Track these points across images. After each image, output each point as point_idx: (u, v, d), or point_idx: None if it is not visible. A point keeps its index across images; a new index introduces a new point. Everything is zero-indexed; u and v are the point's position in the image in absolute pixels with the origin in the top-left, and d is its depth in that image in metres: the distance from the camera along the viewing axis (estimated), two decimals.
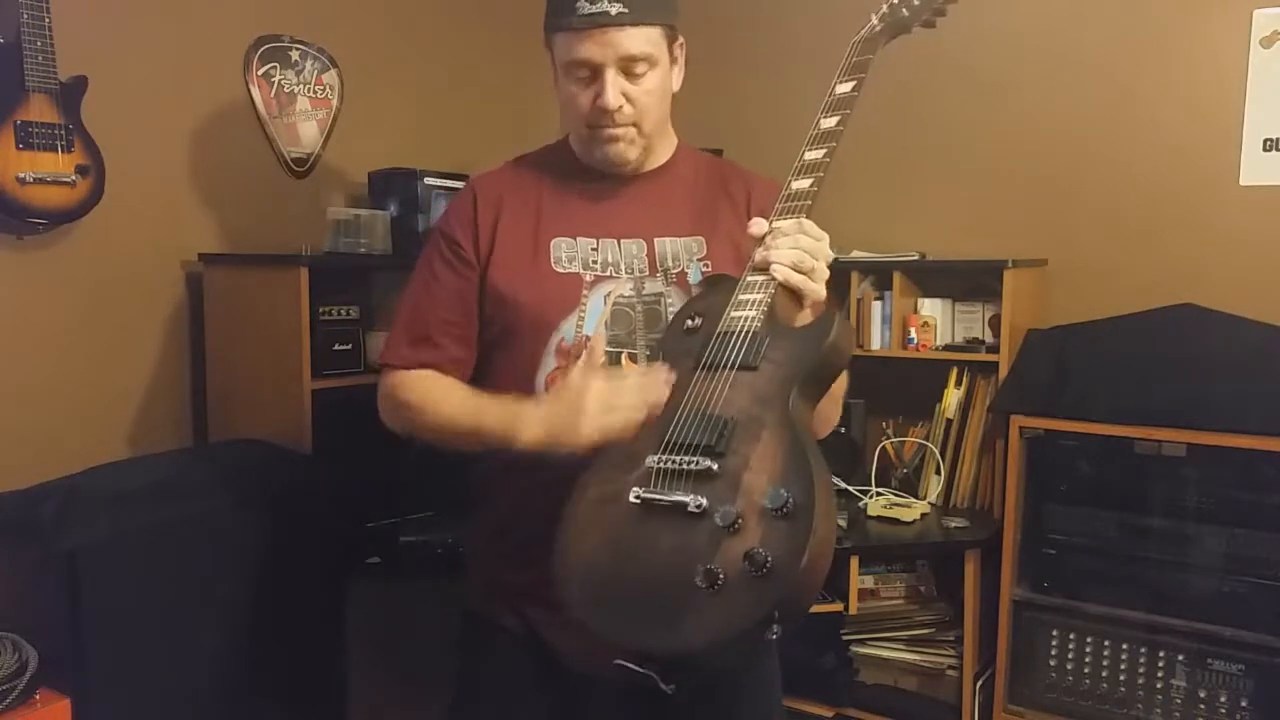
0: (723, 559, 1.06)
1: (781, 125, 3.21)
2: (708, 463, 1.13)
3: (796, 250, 1.26)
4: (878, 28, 1.48)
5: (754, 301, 1.25)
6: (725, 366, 1.22)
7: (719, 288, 1.33)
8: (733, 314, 1.26)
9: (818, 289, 1.27)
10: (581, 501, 1.20)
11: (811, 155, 1.36)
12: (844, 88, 1.41)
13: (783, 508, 1.06)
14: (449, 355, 1.46)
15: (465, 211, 1.47)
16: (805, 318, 1.30)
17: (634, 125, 1.42)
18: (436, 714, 1.69)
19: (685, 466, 1.14)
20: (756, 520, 1.07)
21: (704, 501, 1.11)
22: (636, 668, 1.08)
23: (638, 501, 1.15)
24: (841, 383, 1.43)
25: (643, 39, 1.38)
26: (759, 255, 1.28)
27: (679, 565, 1.08)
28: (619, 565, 1.13)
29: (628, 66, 1.38)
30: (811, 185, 1.33)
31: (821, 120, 1.39)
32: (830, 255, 1.30)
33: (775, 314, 1.25)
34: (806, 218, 1.30)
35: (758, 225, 1.31)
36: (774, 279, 1.25)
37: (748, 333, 1.23)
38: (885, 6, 1.49)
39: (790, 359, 1.21)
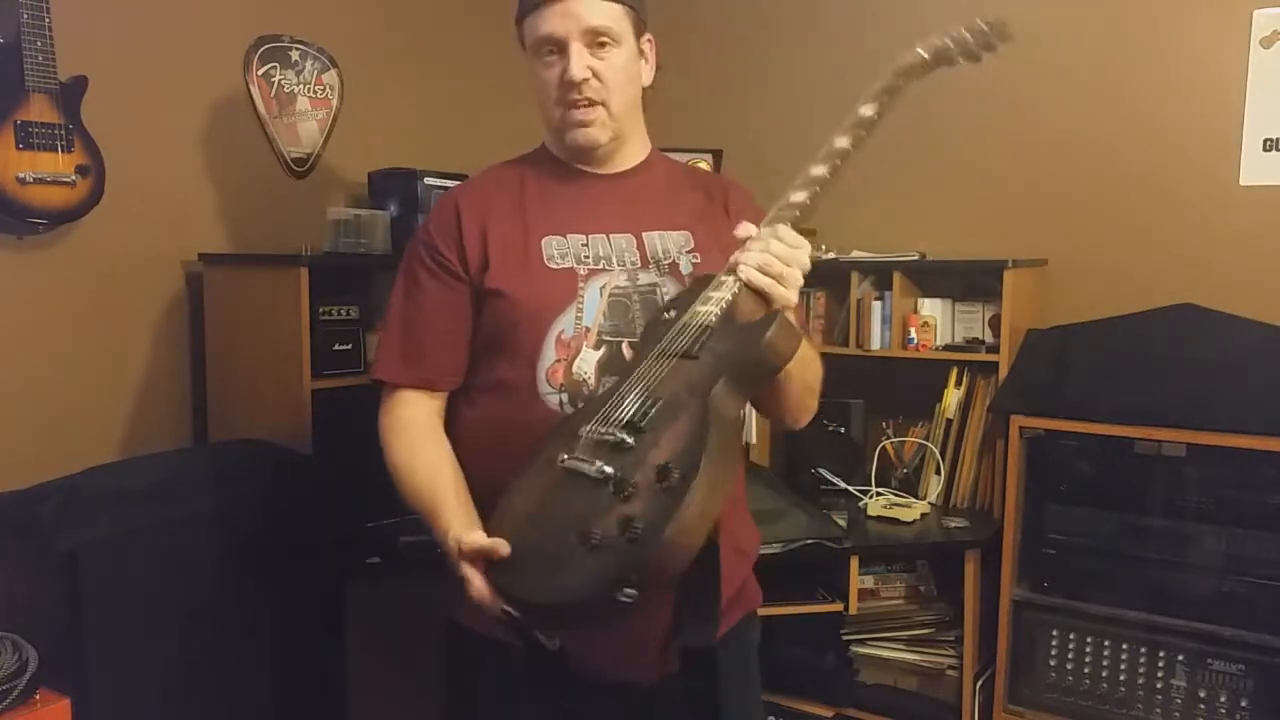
0: (605, 522, 1.13)
1: (781, 125, 3.24)
2: (625, 436, 1.19)
3: (766, 254, 1.28)
4: (925, 58, 1.47)
5: (716, 299, 1.29)
6: (672, 354, 1.27)
7: (699, 285, 1.37)
8: (697, 308, 1.30)
9: (785, 294, 1.28)
10: (532, 466, 1.27)
11: (816, 171, 1.38)
12: (866, 110, 1.42)
13: (665, 482, 1.12)
14: (442, 368, 1.48)
15: (448, 224, 1.47)
16: None
17: (603, 105, 1.44)
18: (436, 714, 1.69)
19: (606, 438, 1.20)
20: (645, 492, 1.13)
21: (608, 470, 1.17)
22: (515, 613, 1.16)
23: (560, 465, 1.22)
24: (815, 371, 1.46)
25: (605, 13, 1.41)
26: (733, 257, 1.31)
27: (574, 527, 1.14)
28: (535, 524, 1.21)
29: (591, 40, 1.41)
30: (805, 198, 1.35)
31: (835, 139, 1.41)
32: (806, 264, 1.31)
33: (736, 312, 1.28)
34: (788, 226, 1.32)
35: (744, 229, 1.33)
36: (739, 279, 1.28)
37: (702, 326, 1.27)
38: (937, 42, 1.47)
39: (727, 351, 1.25)
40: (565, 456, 1.22)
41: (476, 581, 1.23)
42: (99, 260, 2.28)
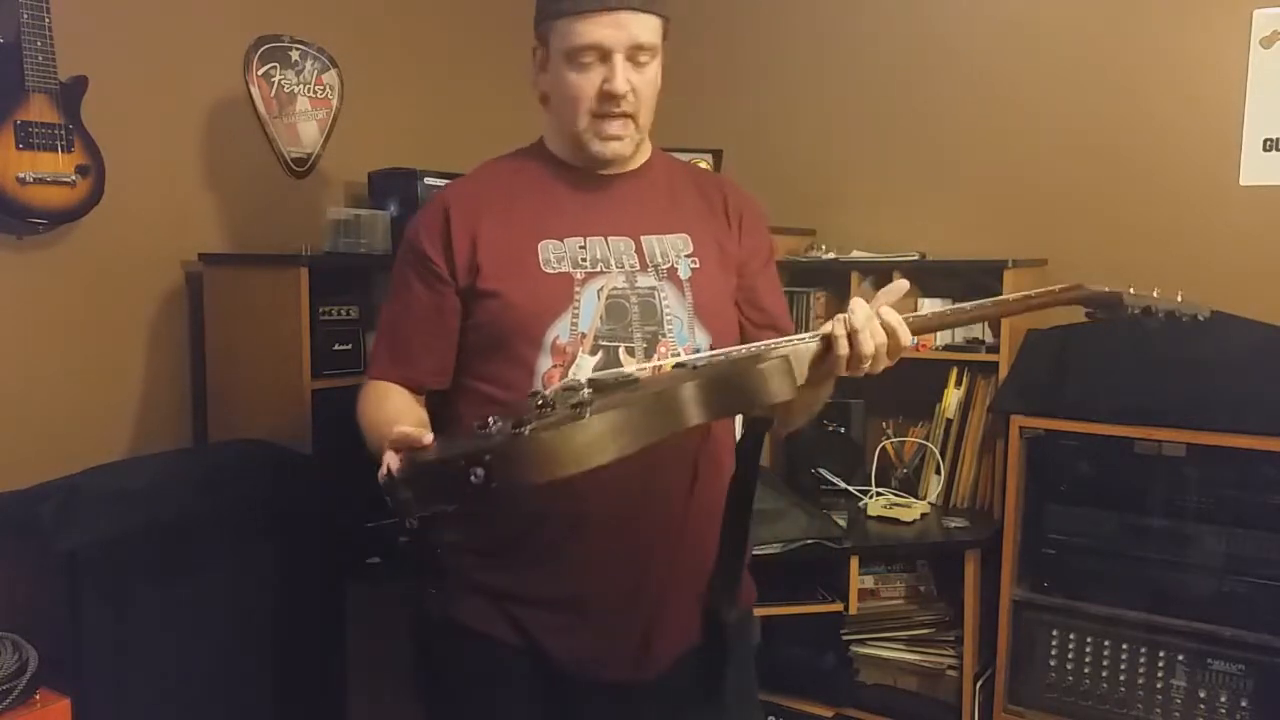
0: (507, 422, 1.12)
1: (781, 125, 3.24)
2: (586, 387, 1.18)
3: (873, 341, 1.24)
4: (1102, 302, 1.43)
5: (771, 346, 1.26)
6: (682, 365, 1.28)
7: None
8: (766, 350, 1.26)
9: (843, 358, 1.24)
10: None
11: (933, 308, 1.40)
12: (1015, 298, 1.44)
13: (577, 407, 1.10)
14: (428, 369, 1.48)
15: (437, 227, 1.45)
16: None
17: (632, 118, 1.42)
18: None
19: (572, 385, 1.20)
20: (555, 411, 1.12)
21: (546, 394, 1.16)
22: (391, 477, 1.14)
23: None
24: (824, 398, 1.46)
25: (650, 28, 1.40)
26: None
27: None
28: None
29: (634, 54, 1.39)
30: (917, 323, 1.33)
31: (971, 305, 1.43)
32: (884, 360, 1.27)
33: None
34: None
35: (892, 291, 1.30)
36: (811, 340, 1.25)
37: (725, 352, 1.27)
38: (1125, 295, 1.42)
39: (720, 365, 1.24)
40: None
41: (386, 462, 1.18)
42: (99, 260, 2.28)
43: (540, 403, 1.14)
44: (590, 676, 1.42)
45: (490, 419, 1.13)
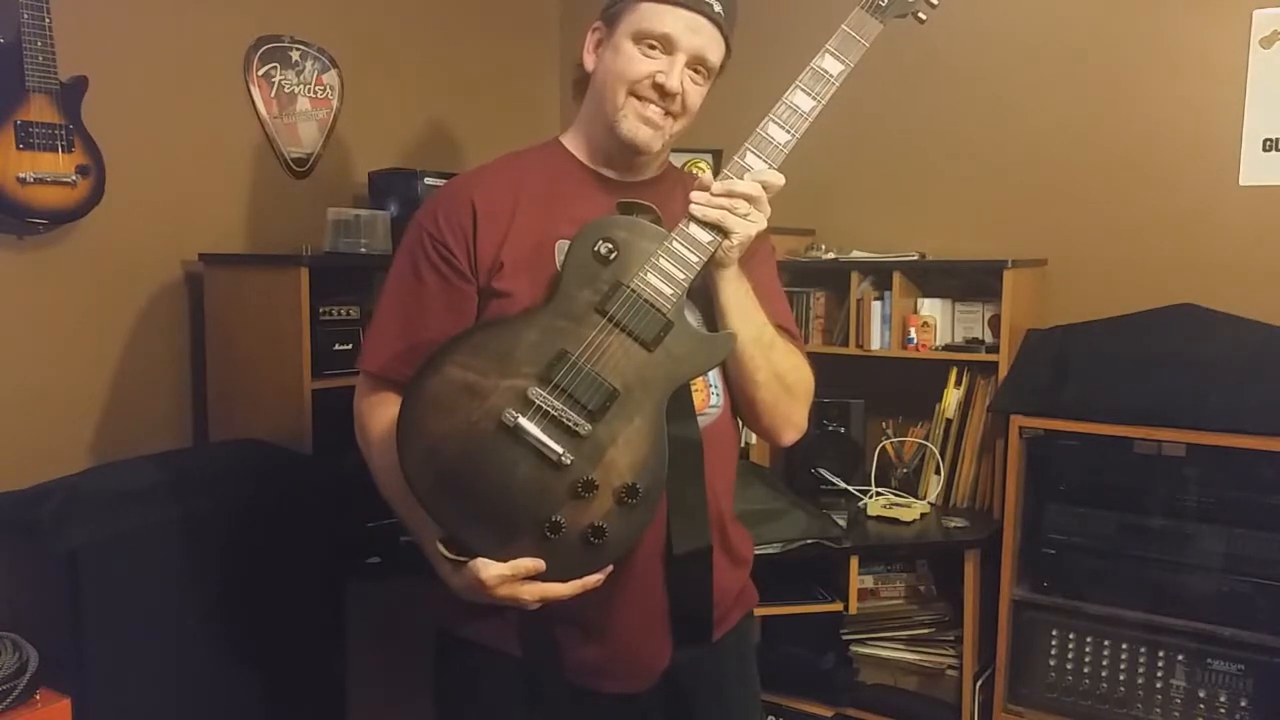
0: (568, 516, 1.22)
1: None
2: (585, 424, 1.23)
3: (725, 202, 1.29)
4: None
5: (674, 279, 1.27)
6: (627, 333, 1.26)
7: (641, 227, 1.31)
8: (650, 278, 1.27)
9: (742, 226, 1.29)
10: (438, 374, 1.24)
11: (776, 133, 1.38)
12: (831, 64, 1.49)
13: (630, 500, 1.22)
14: None
15: (461, 221, 1.39)
16: (729, 280, 1.34)
17: (671, 119, 1.42)
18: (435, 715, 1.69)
19: (563, 418, 1.22)
20: (607, 496, 1.22)
21: (570, 460, 1.22)
22: (454, 556, 1.24)
23: (510, 424, 1.22)
24: (796, 375, 1.44)
25: (717, 50, 1.43)
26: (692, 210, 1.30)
27: (527, 500, 1.22)
28: (467, 465, 1.23)
29: (695, 65, 1.40)
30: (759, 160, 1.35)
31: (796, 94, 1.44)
32: (763, 184, 1.32)
33: (694, 287, 1.30)
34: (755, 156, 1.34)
35: (704, 180, 1.32)
36: (703, 257, 1.28)
37: (659, 309, 1.26)
38: None
39: (683, 360, 1.28)
40: (517, 417, 1.22)
41: (529, 592, 1.24)
42: (99, 260, 2.29)
43: (578, 484, 1.22)
44: (589, 687, 1.41)
45: (556, 521, 1.21)
